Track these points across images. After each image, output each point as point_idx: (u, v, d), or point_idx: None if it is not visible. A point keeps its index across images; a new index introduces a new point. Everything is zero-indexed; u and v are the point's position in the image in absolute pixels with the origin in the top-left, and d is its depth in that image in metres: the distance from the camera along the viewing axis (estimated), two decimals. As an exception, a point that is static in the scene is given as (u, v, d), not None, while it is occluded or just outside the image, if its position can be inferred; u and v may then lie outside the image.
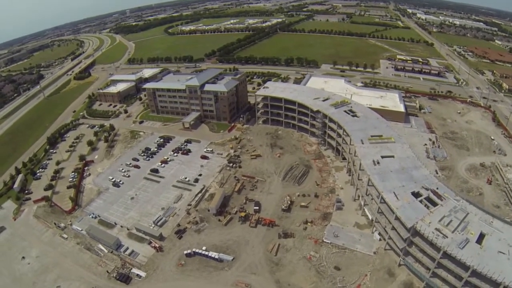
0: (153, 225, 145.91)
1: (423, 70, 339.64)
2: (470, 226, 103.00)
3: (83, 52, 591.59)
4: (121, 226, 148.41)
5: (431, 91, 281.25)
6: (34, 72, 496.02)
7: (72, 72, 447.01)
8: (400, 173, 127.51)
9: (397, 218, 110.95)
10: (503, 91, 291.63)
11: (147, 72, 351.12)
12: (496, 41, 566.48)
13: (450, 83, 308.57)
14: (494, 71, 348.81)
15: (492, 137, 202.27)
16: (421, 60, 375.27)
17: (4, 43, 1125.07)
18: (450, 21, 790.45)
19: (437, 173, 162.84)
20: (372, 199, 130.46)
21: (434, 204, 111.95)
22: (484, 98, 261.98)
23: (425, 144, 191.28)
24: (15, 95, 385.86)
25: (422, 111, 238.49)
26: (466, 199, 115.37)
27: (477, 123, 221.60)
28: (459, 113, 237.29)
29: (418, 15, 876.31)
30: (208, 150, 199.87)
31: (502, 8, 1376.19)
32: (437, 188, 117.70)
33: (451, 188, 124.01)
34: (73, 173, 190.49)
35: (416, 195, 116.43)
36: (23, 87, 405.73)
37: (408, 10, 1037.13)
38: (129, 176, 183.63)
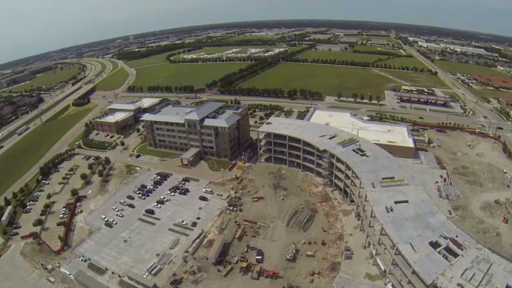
0: (146, 273, 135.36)
1: (429, 100, 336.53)
2: (494, 279, 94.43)
3: (85, 77, 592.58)
4: (113, 273, 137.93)
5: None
6: (34, 94, 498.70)
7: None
8: (416, 220, 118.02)
9: (414, 272, 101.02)
10: (510, 119, 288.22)
11: (146, 102, 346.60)
12: (498, 67, 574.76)
13: (457, 113, 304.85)
14: (500, 99, 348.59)
15: (505, 170, 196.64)
16: (426, 90, 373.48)
17: (9, 62, 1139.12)
18: (451, 48, 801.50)
19: (450, 213, 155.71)
20: (385, 248, 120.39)
21: (455, 255, 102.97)
22: (499, 128, 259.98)
23: (437, 182, 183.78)
24: (13, 117, 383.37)
25: (431, 145, 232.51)
26: (488, 247, 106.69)
27: (488, 155, 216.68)
28: (469, 145, 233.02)
29: (420, 43, 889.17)
30: (207, 191, 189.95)
31: (500, 33, 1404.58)
32: (456, 236, 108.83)
33: (471, 234, 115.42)
34: (64, 209, 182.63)
35: (434, 245, 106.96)
36: (22, 110, 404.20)
37: (409, 38, 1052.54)
38: (122, 216, 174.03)
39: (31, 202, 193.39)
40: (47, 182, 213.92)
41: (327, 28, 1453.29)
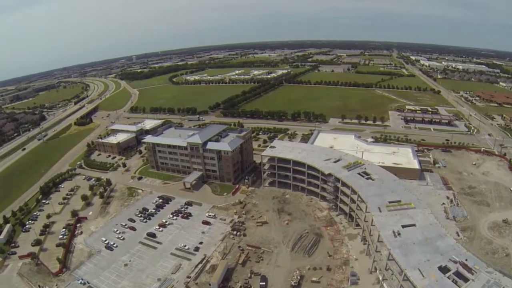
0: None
1: (433, 120, 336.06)
2: None
3: (87, 96, 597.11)
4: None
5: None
6: (36, 112, 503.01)
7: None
8: (424, 245, 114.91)
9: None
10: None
11: (149, 123, 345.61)
12: (500, 83, 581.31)
13: (461, 132, 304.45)
14: (504, 115, 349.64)
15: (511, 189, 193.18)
16: (430, 110, 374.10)
17: (13, 79, 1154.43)
18: (453, 66, 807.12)
19: (458, 235, 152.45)
20: (392, 274, 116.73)
21: (465, 279, 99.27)
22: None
23: (443, 203, 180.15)
24: (15, 134, 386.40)
25: (437, 165, 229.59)
26: (499, 270, 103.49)
27: (494, 174, 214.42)
28: (474, 164, 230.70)
29: (422, 62, 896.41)
30: (210, 215, 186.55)
31: (500, 48, 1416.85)
32: (466, 260, 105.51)
33: (480, 258, 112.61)
34: (64, 230, 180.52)
35: (443, 270, 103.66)
36: (24, 127, 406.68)
37: (411, 57, 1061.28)
38: (123, 239, 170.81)
39: (30, 221, 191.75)
40: (47, 202, 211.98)
41: (329, 48, 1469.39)
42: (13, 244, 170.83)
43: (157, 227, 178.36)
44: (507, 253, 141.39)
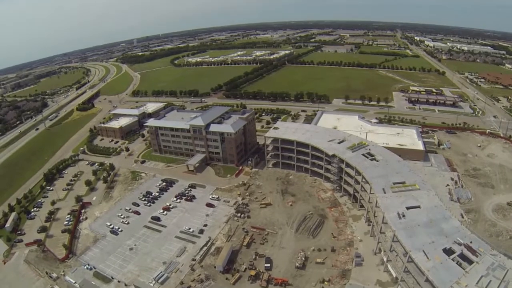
0: (153, 282, 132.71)
1: (438, 101, 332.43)
2: (511, 286, 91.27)
3: (88, 81, 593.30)
4: (119, 281, 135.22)
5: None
6: (38, 99, 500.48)
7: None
8: (429, 226, 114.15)
9: (428, 281, 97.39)
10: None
11: (151, 106, 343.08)
12: (506, 65, 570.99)
13: (466, 113, 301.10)
14: (509, 97, 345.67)
15: None
16: (434, 91, 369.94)
17: (14, 66, 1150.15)
18: (458, 47, 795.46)
19: (462, 217, 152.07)
20: (397, 255, 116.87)
21: (469, 261, 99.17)
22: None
23: (447, 185, 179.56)
24: (18, 122, 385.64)
25: (441, 147, 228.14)
26: (504, 253, 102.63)
27: (499, 156, 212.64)
28: (479, 146, 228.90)
29: (426, 43, 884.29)
30: (214, 197, 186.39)
31: (507, 30, 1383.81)
32: (471, 242, 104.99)
33: (485, 240, 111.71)
34: (68, 216, 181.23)
35: (448, 252, 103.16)
36: (26, 115, 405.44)
37: (415, 37, 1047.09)
38: (128, 223, 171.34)
39: (35, 208, 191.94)
40: (51, 189, 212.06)
41: (332, 29, 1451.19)
42: (19, 232, 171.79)
43: (161, 210, 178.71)
44: (511, 236, 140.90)
